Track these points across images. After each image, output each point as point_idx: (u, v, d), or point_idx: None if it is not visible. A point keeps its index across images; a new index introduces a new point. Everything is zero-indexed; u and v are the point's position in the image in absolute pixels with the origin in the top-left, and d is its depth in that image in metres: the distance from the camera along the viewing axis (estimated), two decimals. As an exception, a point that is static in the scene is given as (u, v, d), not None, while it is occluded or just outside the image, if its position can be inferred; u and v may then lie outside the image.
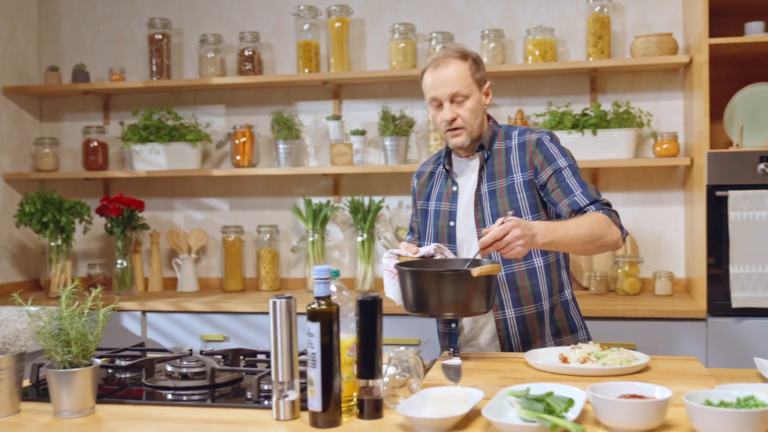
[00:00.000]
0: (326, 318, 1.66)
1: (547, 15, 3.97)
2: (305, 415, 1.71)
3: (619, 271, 3.74)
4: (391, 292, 2.32)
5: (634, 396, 1.65)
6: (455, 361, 1.91)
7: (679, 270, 3.83)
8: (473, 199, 2.46)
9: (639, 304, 3.43)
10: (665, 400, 1.57)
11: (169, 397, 1.98)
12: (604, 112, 3.72)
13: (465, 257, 2.38)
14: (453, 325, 2.53)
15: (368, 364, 1.71)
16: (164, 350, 2.41)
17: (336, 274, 1.76)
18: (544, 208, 2.44)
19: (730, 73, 3.64)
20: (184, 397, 1.97)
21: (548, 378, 2.02)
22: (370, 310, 1.72)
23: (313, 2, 4.11)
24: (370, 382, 1.71)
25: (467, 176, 2.51)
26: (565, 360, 2.13)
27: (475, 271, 2.09)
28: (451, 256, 2.39)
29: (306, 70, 4.04)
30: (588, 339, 2.54)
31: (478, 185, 2.47)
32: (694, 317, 3.27)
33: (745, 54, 3.56)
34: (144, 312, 3.76)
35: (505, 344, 2.45)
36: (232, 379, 2.08)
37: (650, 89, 3.88)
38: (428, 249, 2.33)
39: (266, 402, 1.85)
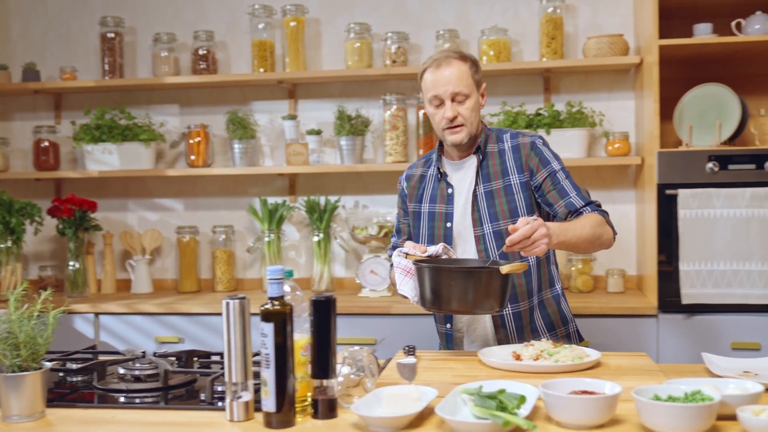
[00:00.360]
0: (280, 318, 1.66)
1: (501, 16, 4.00)
2: (259, 416, 1.71)
3: (573, 269, 3.78)
4: (406, 289, 2.35)
5: (584, 392, 1.67)
6: (410, 359, 1.92)
7: (631, 267, 3.89)
8: (470, 199, 2.50)
9: (592, 302, 3.47)
10: (614, 395, 1.60)
11: (122, 400, 1.96)
12: (558, 112, 3.77)
13: (467, 257, 2.47)
14: (448, 325, 2.58)
15: (322, 363, 1.71)
16: (117, 353, 2.39)
17: (289, 274, 1.76)
18: (538, 208, 2.51)
19: (679, 74, 3.71)
20: (137, 400, 1.95)
21: (502, 375, 2.04)
22: (323, 309, 1.72)
23: (268, 1, 4.09)
24: (324, 382, 1.71)
25: (462, 178, 2.56)
26: (518, 357, 2.16)
27: (505, 269, 2.14)
28: (456, 256, 2.44)
29: (261, 70, 4.02)
30: (577, 331, 2.62)
31: (475, 186, 2.51)
32: (646, 314, 3.33)
33: (694, 55, 3.63)
34: (97, 314, 3.71)
35: (503, 340, 2.50)
36: (186, 381, 2.07)
37: (602, 89, 3.94)
38: (436, 248, 2.38)
39: (220, 403, 1.84)
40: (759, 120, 3.70)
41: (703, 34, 3.52)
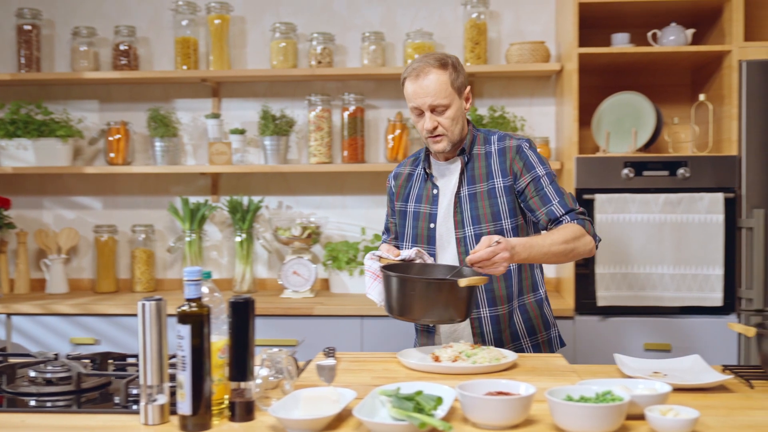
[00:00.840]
0: (197, 320, 1.64)
1: (426, 20, 4.04)
2: (175, 420, 1.68)
3: (494, 271, 3.83)
4: (374, 293, 2.34)
5: (500, 393, 1.70)
6: (329, 361, 1.92)
7: (549, 270, 3.97)
8: (453, 201, 2.49)
9: (511, 304, 3.53)
10: (529, 396, 1.63)
11: (32, 403, 1.90)
12: (481, 116, 3.82)
13: (446, 263, 2.45)
14: (430, 324, 2.56)
15: (240, 366, 1.70)
16: (28, 355, 2.31)
17: (207, 275, 1.74)
18: (521, 212, 2.49)
19: (598, 82, 3.81)
20: (48, 404, 1.89)
21: (420, 377, 2.06)
22: (241, 311, 1.71)
23: (192, -2, 4.04)
24: (242, 384, 1.70)
25: (447, 179, 2.54)
26: (436, 359, 2.18)
27: (463, 282, 2.13)
28: (430, 260, 2.43)
29: (184, 67, 3.96)
30: (559, 336, 2.61)
31: (459, 188, 2.50)
32: (563, 315, 3.40)
33: (612, 63, 3.72)
34: (9, 315, 3.59)
35: (479, 341, 2.49)
36: (100, 384, 2.02)
37: (524, 95, 4.01)
38: (409, 253, 2.37)
39: (134, 407, 1.81)
40: (672, 128, 3.83)
41: (621, 43, 3.62)
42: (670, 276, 3.32)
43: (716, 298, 3.30)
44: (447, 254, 2.50)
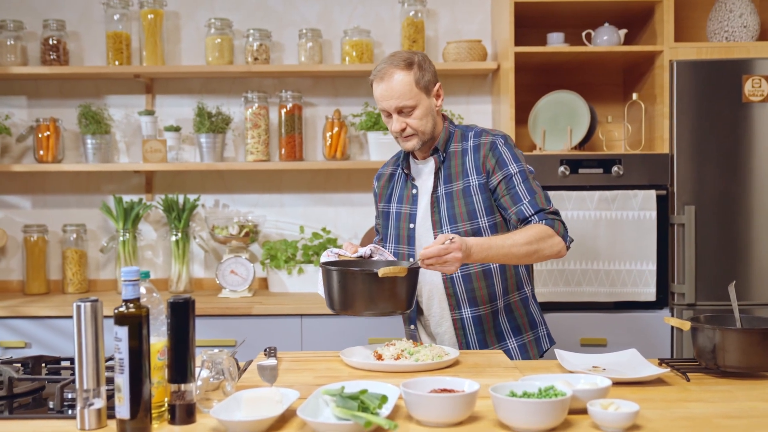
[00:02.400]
0: (135, 321, 1.60)
1: (363, 17, 4.03)
2: (112, 424, 1.64)
3: (432, 268, 3.85)
4: (322, 290, 2.32)
5: (444, 390, 1.70)
6: (270, 361, 1.90)
7: (487, 267, 3.99)
8: (430, 200, 2.46)
9: (450, 301, 3.54)
10: (473, 393, 1.63)
11: (-40, 410, 1.83)
12: (418, 114, 3.82)
13: (405, 260, 2.45)
14: (412, 326, 2.55)
15: (180, 367, 1.66)
16: (-45, 360, 2.23)
17: (146, 275, 1.70)
18: (499, 210, 2.44)
19: (534, 80, 3.86)
20: (-22, 410, 1.83)
21: (363, 376, 2.05)
22: (181, 312, 1.67)
23: (125, -8, 3.95)
24: (182, 387, 1.66)
25: (425, 178, 2.51)
26: (379, 357, 2.17)
27: (381, 272, 2.11)
28: (390, 257, 2.41)
29: (116, 63, 3.87)
30: (547, 334, 2.59)
31: (434, 187, 2.46)
32: (501, 312, 3.43)
33: (548, 62, 3.77)
34: (-67, 318, 3.47)
35: (463, 343, 2.47)
36: (33, 389, 1.96)
37: (461, 93, 4.03)
38: (365, 249, 2.37)
39: (70, 411, 1.75)
40: (606, 126, 3.90)
41: (556, 43, 3.67)
42: (605, 272, 3.38)
43: (650, 293, 3.37)
44: None
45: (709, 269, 3.39)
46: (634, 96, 3.60)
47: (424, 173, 2.52)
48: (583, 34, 3.67)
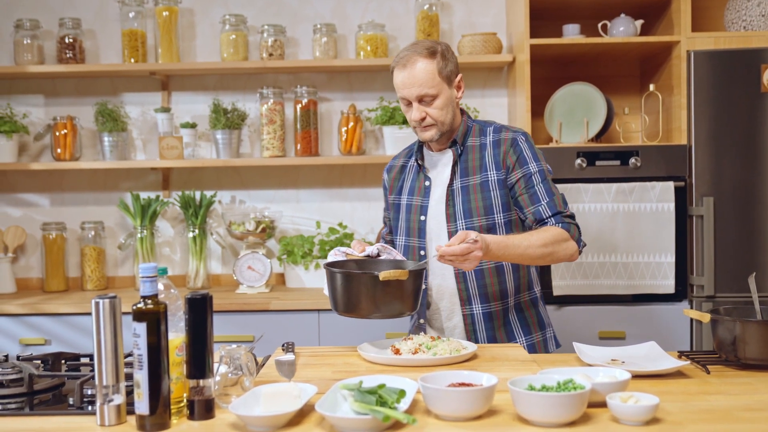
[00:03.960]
0: (153, 318, 1.60)
1: (377, 12, 4.02)
2: (132, 420, 1.64)
3: (449, 262, 3.84)
4: (326, 290, 2.31)
5: (462, 384, 1.70)
6: (288, 357, 1.90)
7: (504, 260, 3.98)
8: (445, 194, 2.44)
9: (468, 295, 3.54)
10: (491, 387, 1.63)
11: (-18, 407, 1.85)
12: (434, 107, 3.81)
13: (415, 254, 2.43)
14: (422, 320, 2.52)
15: (198, 363, 1.67)
16: (-24, 357, 2.25)
17: (163, 271, 1.71)
18: (514, 207, 2.44)
19: (549, 73, 3.84)
20: (-1, 407, 1.84)
21: (381, 370, 2.05)
22: (199, 308, 1.67)
23: (139, -10, 3.96)
24: (201, 382, 1.67)
25: (440, 170, 2.49)
26: (397, 351, 2.17)
27: (382, 275, 2.10)
28: (399, 256, 2.38)
29: (132, 60, 3.88)
30: (554, 336, 2.58)
31: (451, 180, 2.44)
32: (519, 305, 3.42)
33: (564, 54, 3.75)
34: (-46, 316, 3.50)
35: (472, 339, 2.45)
36: (53, 385, 1.97)
37: (476, 86, 4.02)
38: (372, 249, 2.34)
39: (90, 407, 1.76)
40: (623, 118, 3.87)
41: (572, 34, 3.64)
42: (623, 264, 3.36)
43: (668, 286, 3.35)
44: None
45: (729, 261, 3.36)
46: (651, 87, 3.58)
47: (440, 165, 2.50)
48: (599, 25, 3.64)
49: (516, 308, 2.48)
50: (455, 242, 2.12)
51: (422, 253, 2.46)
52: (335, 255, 2.37)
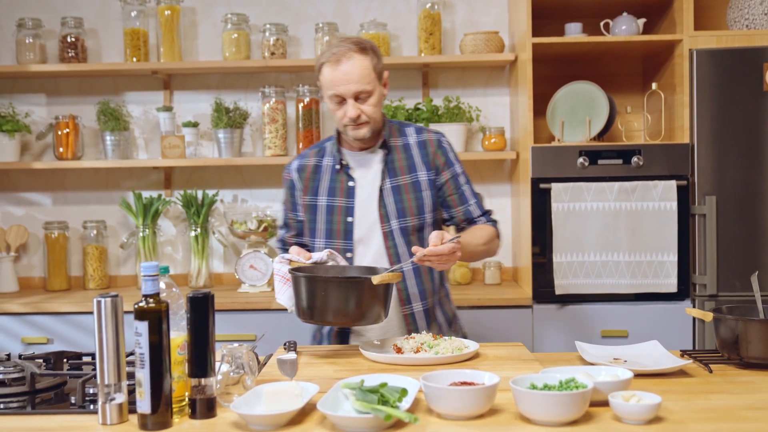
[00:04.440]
0: (155, 316, 1.60)
1: (379, 10, 4.02)
2: (134, 418, 1.64)
3: (451, 261, 3.84)
4: (283, 298, 2.25)
5: (464, 383, 1.70)
6: (290, 355, 1.90)
7: (507, 260, 3.99)
8: (376, 194, 2.42)
9: (470, 293, 3.54)
10: (493, 386, 1.62)
11: (-16, 406, 1.85)
12: (436, 106, 3.82)
13: (365, 262, 2.39)
14: (344, 327, 2.50)
15: (200, 362, 1.67)
16: (-22, 356, 2.25)
17: (165, 270, 1.70)
18: (441, 206, 2.48)
19: (551, 71, 3.83)
20: (1, 405, 1.84)
21: (383, 369, 2.04)
22: (201, 306, 1.68)
23: (141, -11, 3.96)
24: (203, 381, 1.67)
25: (365, 171, 2.45)
26: (399, 350, 2.17)
27: (376, 279, 2.07)
28: (343, 262, 2.33)
29: (134, 59, 3.88)
30: (461, 325, 2.62)
31: (381, 181, 2.42)
32: (521, 304, 3.42)
33: (566, 53, 3.75)
34: (-44, 315, 3.50)
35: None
36: (55, 384, 1.97)
37: (479, 85, 4.01)
38: (321, 255, 2.27)
39: (92, 406, 1.76)
40: (625, 117, 3.87)
41: (574, 33, 3.64)
42: (626, 263, 3.36)
43: (671, 285, 3.35)
44: (370, 249, 2.42)
45: (731, 260, 3.36)
46: (654, 86, 3.57)
47: (365, 165, 2.46)
48: (602, 23, 3.64)
49: (439, 303, 2.52)
50: (437, 243, 2.14)
51: (348, 255, 2.41)
52: (280, 262, 2.28)
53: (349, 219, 2.43)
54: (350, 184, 2.45)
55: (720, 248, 3.35)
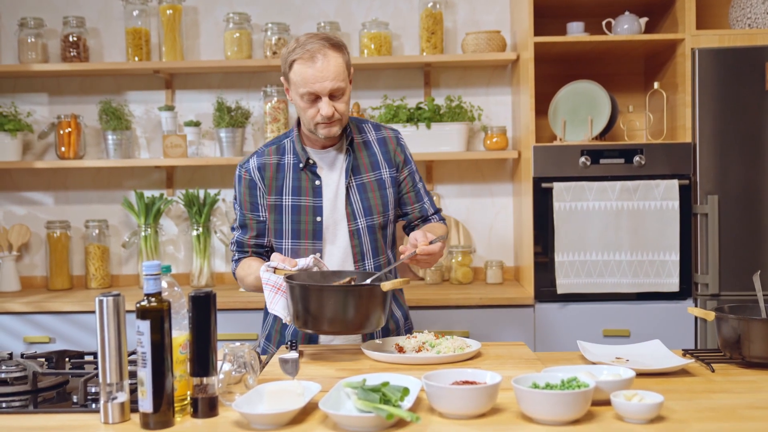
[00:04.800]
0: (157, 315, 1.60)
1: (381, 10, 4.01)
2: (136, 417, 1.65)
3: (453, 261, 3.84)
4: (277, 308, 2.18)
5: (466, 382, 1.70)
6: (292, 354, 1.90)
7: (508, 259, 3.99)
8: (343, 192, 2.39)
9: (472, 293, 3.54)
10: (495, 385, 1.62)
11: (-14, 404, 1.85)
12: (438, 106, 3.82)
13: (338, 254, 2.38)
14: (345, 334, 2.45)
15: (202, 361, 1.67)
16: (-20, 355, 2.25)
17: (167, 269, 1.71)
18: (398, 204, 2.51)
19: (553, 71, 3.83)
20: (3, 404, 1.84)
21: (385, 368, 2.04)
22: (203, 305, 1.68)
23: (143, -12, 3.96)
24: (204, 380, 1.67)
25: (330, 169, 2.41)
26: (401, 350, 2.17)
27: (387, 285, 2.05)
28: (326, 268, 2.27)
29: (136, 58, 3.88)
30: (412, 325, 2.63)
31: (347, 178, 2.39)
32: (523, 304, 3.42)
33: (568, 52, 3.74)
34: (-41, 314, 3.50)
35: (368, 336, 2.43)
36: (57, 383, 1.97)
37: (480, 84, 4.01)
38: (307, 261, 2.20)
39: (94, 405, 1.76)
40: (627, 116, 3.87)
41: (576, 32, 3.64)
42: (628, 262, 3.36)
43: (673, 284, 3.34)
44: (336, 248, 2.39)
45: (733, 259, 3.35)
46: (656, 85, 3.57)
47: (329, 163, 2.42)
48: (604, 23, 3.64)
49: (394, 297, 2.52)
50: (426, 242, 2.19)
51: (319, 255, 2.34)
52: (266, 271, 2.21)
53: (318, 218, 2.38)
54: (317, 183, 2.39)
55: (722, 248, 3.35)
